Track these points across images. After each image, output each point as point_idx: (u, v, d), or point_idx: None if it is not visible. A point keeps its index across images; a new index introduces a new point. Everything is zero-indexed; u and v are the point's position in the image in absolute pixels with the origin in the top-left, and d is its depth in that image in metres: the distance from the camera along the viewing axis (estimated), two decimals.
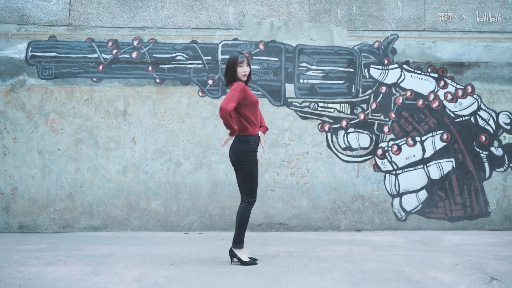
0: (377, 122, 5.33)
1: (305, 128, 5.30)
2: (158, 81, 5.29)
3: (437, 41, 5.39)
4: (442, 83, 5.37)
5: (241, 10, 5.37)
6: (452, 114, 5.35)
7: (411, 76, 5.37)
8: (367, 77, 5.35)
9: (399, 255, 4.07)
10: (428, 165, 5.31)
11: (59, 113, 5.23)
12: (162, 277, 3.45)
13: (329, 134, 5.31)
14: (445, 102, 5.36)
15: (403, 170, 5.31)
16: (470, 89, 5.37)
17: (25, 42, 5.25)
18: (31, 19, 5.28)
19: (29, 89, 5.23)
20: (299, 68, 5.33)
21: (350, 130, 5.32)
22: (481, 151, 5.33)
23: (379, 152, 5.31)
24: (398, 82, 5.36)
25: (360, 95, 5.33)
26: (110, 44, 5.29)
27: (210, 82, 5.30)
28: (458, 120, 5.35)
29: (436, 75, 5.37)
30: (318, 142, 5.30)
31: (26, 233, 5.11)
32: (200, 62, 5.31)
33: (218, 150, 5.25)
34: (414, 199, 5.28)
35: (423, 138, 5.33)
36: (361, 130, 5.32)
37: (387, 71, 5.36)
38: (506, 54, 5.38)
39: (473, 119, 5.35)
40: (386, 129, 5.33)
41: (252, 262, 3.76)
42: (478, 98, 5.37)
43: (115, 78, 5.28)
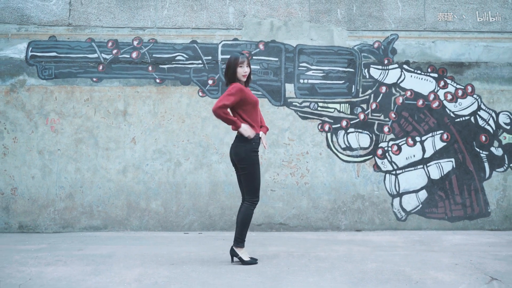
0: (377, 122, 5.33)
1: (305, 128, 5.30)
2: (158, 81, 5.29)
3: (437, 41, 5.39)
4: (442, 83, 5.37)
5: (241, 10, 5.37)
6: (452, 114, 5.35)
7: (411, 76, 5.37)
8: (367, 77, 5.35)
9: (399, 255, 4.07)
10: (428, 165, 5.31)
11: (59, 113, 5.23)
12: (162, 277, 3.45)
13: (329, 134, 5.31)
14: (445, 102, 5.36)
15: (403, 170, 5.31)
16: (470, 89, 5.37)
17: (25, 42, 5.26)
18: (31, 19, 5.28)
19: (29, 89, 5.23)
20: (299, 68, 5.33)
21: (350, 130, 5.32)
22: (481, 151, 5.33)
23: (379, 152, 5.31)
24: (398, 82, 5.36)
25: (360, 95, 5.33)
26: (110, 44, 5.30)
27: (210, 82, 5.30)
28: (458, 120, 5.35)
29: (436, 75, 5.37)
30: (318, 142, 5.30)
31: (26, 233, 5.11)
32: (200, 62, 5.31)
33: (218, 150, 5.25)
34: (414, 199, 5.28)
35: (423, 138, 5.33)
36: (361, 130, 5.32)
37: (387, 71, 5.36)
38: (506, 54, 5.38)
39: (473, 119, 5.35)
40: (386, 129, 5.33)
41: (252, 262, 3.77)
42: (478, 98, 5.37)
43: (115, 78, 5.28)
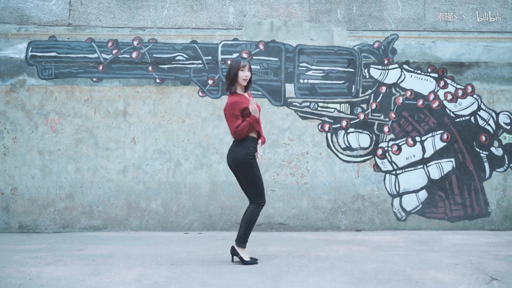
0: (377, 122, 5.33)
1: (305, 128, 5.30)
2: (158, 81, 5.29)
3: (437, 41, 5.39)
4: (442, 83, 5.37)
5: (241, 10, 5.37)
6: (452, 114, 5.35)
7: (411, 76, 5.37)
8: (367, 77, 5.34)
9: (399, 255, 4.06)
10: (428, 165, 5.31)
11: (59, 113, 5.23)
12: (162, 277, 3.45)
13: (329, 134, 5.31)
14: (445, 102, 5.36)
15: (403, 170, 5.31)
16: (470, 89, 5.37)
17: (25, 42, 5.25)
18: (31, 19, 5.28)
19: (29, 89, 5.22)
20: (299, 68, 5.33)
21: (350, 130, 5.32)
22: (481, 151, 5.33)
23: (379, 152, 5.31)
24: (398, 82, 5.36)
25: (360, 95, 5.33)
26: (110, 44, 5.29)
27: (210, 82, 5.30)
28: (458, 120, 5.35)
29: (436, 75, 5.37)
30: (318, 142, 5.30)
31: (26, 233, 5.11)
32: (200, 62, 5.31)
33: (218, 150, 5.25)
34: (414, 199, 5.28)
35: (423, 138, 5.33)
36: (361, 130, 5.32)
37: (387, 71, 5.36)
38: (506, 54, 5.38)
39: (473, 119, 5.35)
40: (386, 129, 5.33)
41: (253, 262, 3.77)
42: (478, 98, 5.37)
43: (115, 78, 5.28)
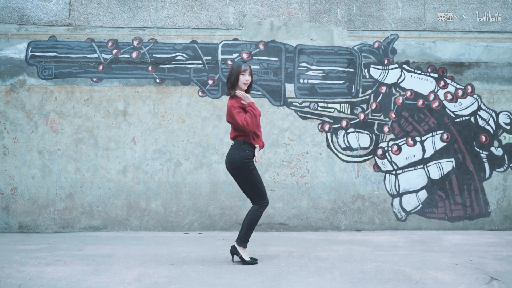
0: (377, 122, 5.33)
1: (305, 128, 5.30)
2: (158, 81, 5.29)
3: (437, 41, 5.39)
4: (442, 83, 5.37)
5: (241, 10, 5.37)
6: (452, 114, 5.35)
7: (411, 76, 5.37)
8: (367, 77, 5.34)
9: (399, 255, 4.06)
10: (428, 165, 5.31)
11: (59, 113, 5.23)
12: (162, 277, 3.45)
13: (329, 134, 5.31)
14: (445, 102, 5.36)
15: (403, 170, 5.31)
16: (470, 89, 5.37)
17: (25, 42, 5.25)
18: (31, 19, 5.28)
19: (29, 89, 5.22)
20: (299, 68, 5.33)
21: (350, 130, 5.32)
22: (481, 151, 5.33)
23: (379, 152, 5.31)
24: (398, 82, 5.36)
25: (360, 95, 5.33)
26: (110, 44, 5.29)
27: (210, 82, 5.30)
28: (458, 120, 5.35)
29: (436, 75, 5.37)
30: (318, 142, 5.30)
31: (26, 233, 5.11)
32: (200, 62, 5.31)
33: (218, 150, 5.25)
34: (414, 199, 5.28)
35: (423, 138, 5.33)
36: (361, 130, 5.32)
37: (387, 71, 5.36)
38: (506, 54, 5.38)
39: (473, 119, 5.35)
40: (386, 129, 5.33)
41: (253, 262, 3.78)
42: (478, 98, 5.37)
43: (115, 78, 5.28)
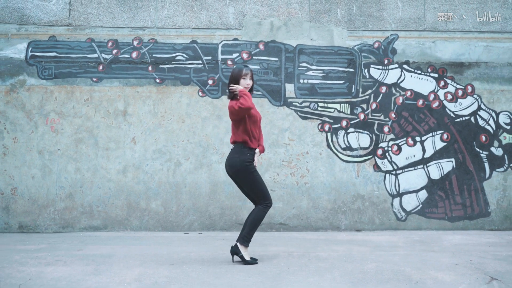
0: (377, 122, 5.33)
1: (305, 128, 5.30)
2: (158, 81, 5.29)
3: (437, 41, 5.39)
4: (442, 83, 5.37)
5: (241, 10, 5.37)
6: (452, 114, 5.35)
7: (411, 76, 5.37)
8: (367, 77, 5.34)
9: (399, 255, 4.06)
10: (428, 165, 5.31)
11: (59, 113, 5.23)
12: (162, 277, 3.45)
13: (329, 134, 5.31)
14: (445, 102, 5.36)
15: (403, 170, 5.31)
16: (470, 89, 5.37)
17: (25, 42, 5.25)
18: (31, 19, 5.28)
19: (29, 89, 5.22)
20: (299, 68, 5.33)
21: (350, 130, 5.32)
22: (481, 151, 5.33)
23: (379, 152, 5.31)
24: (398, 82, 5.36)
25: (360, 95, 5.33)
26: (110, 44, 5.29)
27: (210, 82, 5.30)
28: (458, 120, 5.35)
29: (436, 75, 5.37)
30: (318, 142, 5.30)
31: (26, 233, 5.11)
32: (200, 62, 5.31)
33: (218, 150, 5.25)
34: (414, 199, 5.28)
35: (423, 138, 5.33)
36: (361, 130, 5.32)
37: (387, 71, 5.36)
38: (506, 54, 5.38)
39: (473, 119, 5.35)
40: (386, 129, 5.33)
41: (253, 262, 3.78)
42: (478, 98, 5.37)
43: (115, 78, 5.28)
